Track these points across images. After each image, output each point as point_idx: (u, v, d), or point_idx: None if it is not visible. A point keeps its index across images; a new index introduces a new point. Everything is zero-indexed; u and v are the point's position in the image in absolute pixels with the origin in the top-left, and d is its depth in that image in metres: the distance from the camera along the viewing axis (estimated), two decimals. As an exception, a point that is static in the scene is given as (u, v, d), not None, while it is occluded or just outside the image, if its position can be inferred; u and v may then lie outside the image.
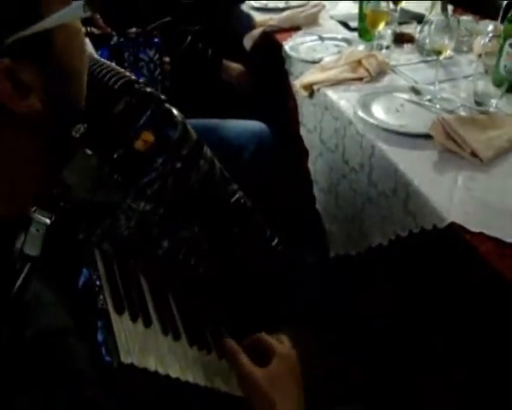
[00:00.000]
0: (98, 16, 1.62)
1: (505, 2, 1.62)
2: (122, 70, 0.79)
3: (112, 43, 1.59)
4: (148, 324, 0.70)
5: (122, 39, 1.60)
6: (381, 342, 1.42)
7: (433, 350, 1.21)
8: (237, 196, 0.88)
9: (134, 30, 1.71)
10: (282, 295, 1.11)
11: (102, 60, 0.83)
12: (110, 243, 0.71)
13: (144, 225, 0.75)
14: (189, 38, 2.04)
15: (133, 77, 0.77)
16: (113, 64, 0.82)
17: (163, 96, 0.77)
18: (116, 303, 0.66)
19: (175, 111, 0.76)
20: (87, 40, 1.48)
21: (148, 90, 0.75)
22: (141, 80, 0.78)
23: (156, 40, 1.64)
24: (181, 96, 1.94)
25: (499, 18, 1.68)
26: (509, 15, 1.41)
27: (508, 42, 1.41)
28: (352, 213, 1.41)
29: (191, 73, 2.05)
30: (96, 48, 1.50)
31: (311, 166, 1.65)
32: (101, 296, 0.64)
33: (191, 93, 2.02)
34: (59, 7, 0.48)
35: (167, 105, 0.76)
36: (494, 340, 0.97)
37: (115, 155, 0.69)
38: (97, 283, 0.66)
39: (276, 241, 1.00)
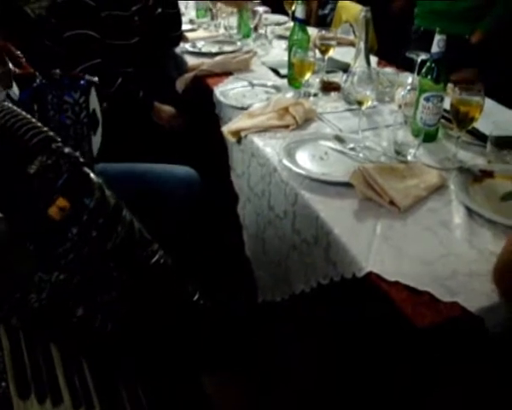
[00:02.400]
0: (21, 55, 1.58)
1: (420, 59, 1.71)
2: (40, 124, 0.76)
3: (34, 85, 1.56)
4: (57, 402, 0.65)
5: (45, 81, 1.57)
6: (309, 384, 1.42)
7: (354, 393, 1.22)
8: (157, 256, 0.87)
9: (58, 71, 1.68)
10: (208, 347, 1.10)
11: (17, 110, 0.80)
12: (18, 317, 0.68)
13: (57, 296, 0.72)
14: (120, 79, 2.03)
15: (51, 133, 0.74)
16: (29, 116, 0.79)
17: (81, 158, 0.75)
18: (20, 388, 0.62)
19: (92, 175, 0.74)
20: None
21: (66, 150, 0.73)
22: (59, 139, 0.75)
23: (82, 82, 1.61)
24: (110, 139, 1.93)
25: (415, 72, 1.77)
26: (423, 71, 1.49)
27: (423, 96, 1.49)
28: (278, 260, 1.42)
29: (121, 115, 2.04)
30: (19, 88, 1.46)
31: (240, 211, 1.66)
32: (3, 383, 0.60)
33: (121, 135, 2.01)
34: None
35: (85, 169, 0.74)
36: (406, 387, 0.99)
37: (28, 222, 0.67)
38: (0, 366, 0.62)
39: (197, 296, 1.00)
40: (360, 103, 1.53)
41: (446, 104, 1.50)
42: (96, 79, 1.55)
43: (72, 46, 1.98)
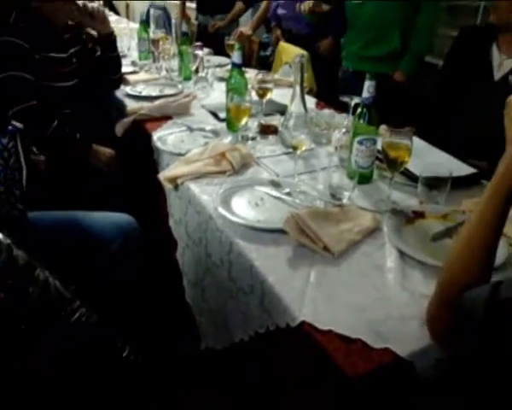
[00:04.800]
0: None
1: (353, 102, 1.75)
2: None
3: None
4: None
5: None
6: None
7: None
8: (77, 314, 0.84)
9: None
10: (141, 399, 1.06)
11: None
12: None
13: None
14: (56, 122, 2.00)
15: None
16: None
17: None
18: None
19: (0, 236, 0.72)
20: None
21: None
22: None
23: (10, 128, 1.58)
24: (47, 184, 1.89)
25: (349, 114, 1.81)
26: (356, 115, 1.53)
27: (356, 139, 1.52)
28: (217, 307, 1.40)
29: (58, 158, 2.00)
30: None
31: (179, 257, 1.64)
32: None
33: (58, 180, 1.97)
34: None
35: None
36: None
37: None
38: None
39: (127, 351, 0.97)
40: (295, 148, 1.54)
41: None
42: (19, 125, 1.51)
43: (4, 88, 1.94)
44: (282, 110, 2.03)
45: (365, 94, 1.50)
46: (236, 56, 1.95)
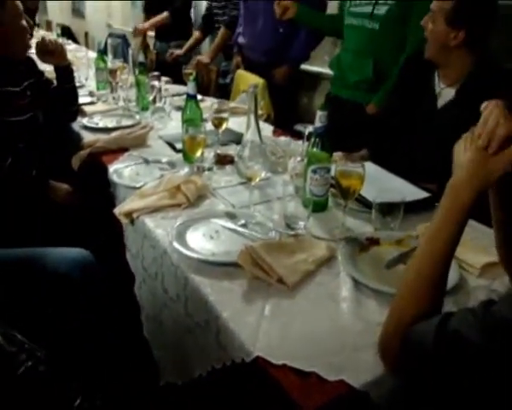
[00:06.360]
0: None
1: (307, 131, 1.77)
2: None
3: None
4: None
5: None
6: None
7: None
8: (23, 368, 0.82)
9: None
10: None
11: None
12: None
13: None
14: (10, 159, 1.96)
15: None
16: None
17: None
18: None
19: None
20: None
21: None
22: None
23: None
24: (3, 222, 1.85)
25: (304, 142, 1.83)
26: (310, 144, 1.55)
27: (310, 168, 1.53)
28: (175, 343, 1.38)
29: (13, 195, 1.96)
30: None
31: (137, 291, 1.61)
32: None
33: (15, 217, 1.93)
34: None
35: None
36: None
37: None
38: None
39: (79, 400, 0.95)
40: (250, 179, 1.55)
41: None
42: None
43: None
44: (238, 139, 2.04)
45: (317, 123, 1.52)
46: (190, 88, 1.96)
